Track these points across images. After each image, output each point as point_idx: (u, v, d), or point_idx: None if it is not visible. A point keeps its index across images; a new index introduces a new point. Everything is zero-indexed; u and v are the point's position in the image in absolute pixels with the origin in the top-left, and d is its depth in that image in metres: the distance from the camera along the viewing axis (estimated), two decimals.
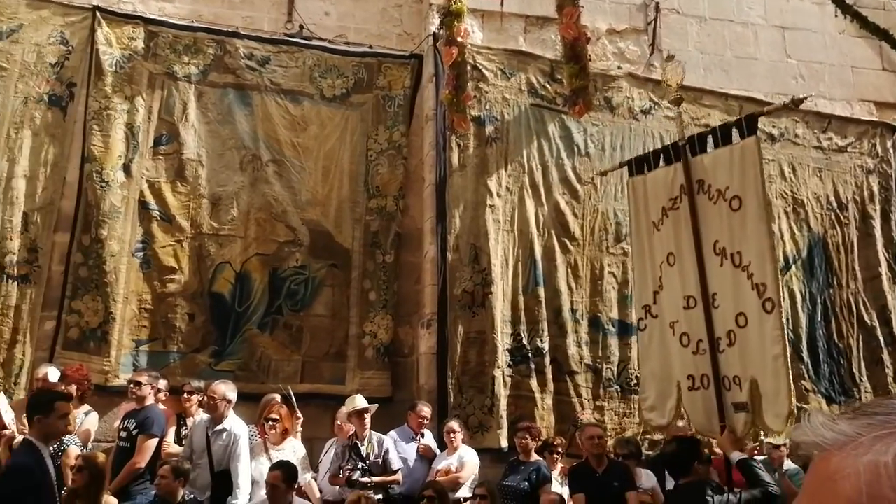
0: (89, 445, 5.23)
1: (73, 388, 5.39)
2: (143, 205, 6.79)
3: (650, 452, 6.60)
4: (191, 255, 6.81)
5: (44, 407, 3.62)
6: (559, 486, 5.68)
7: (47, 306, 6.47)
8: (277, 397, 5.83)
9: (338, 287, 7.11)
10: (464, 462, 5.68)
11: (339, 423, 5.79)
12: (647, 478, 5.68)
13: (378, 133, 7.42)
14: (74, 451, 4.87)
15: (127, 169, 6.81)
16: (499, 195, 7.22)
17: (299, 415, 5.80)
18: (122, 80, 6.92)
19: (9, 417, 5.11)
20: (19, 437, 5.04)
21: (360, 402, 5.59)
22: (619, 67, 7.96)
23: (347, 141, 7.36)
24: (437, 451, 5.95)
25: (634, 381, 7.18)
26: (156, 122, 6.99)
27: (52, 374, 5.51)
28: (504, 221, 7.19)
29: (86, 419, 5.39)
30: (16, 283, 6.41)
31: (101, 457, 4.66)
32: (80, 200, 6.67)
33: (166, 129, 6.98)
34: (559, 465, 6.01)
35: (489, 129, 7.32)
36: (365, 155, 7.36)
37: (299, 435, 5.78)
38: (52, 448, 4.83)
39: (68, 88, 6.85)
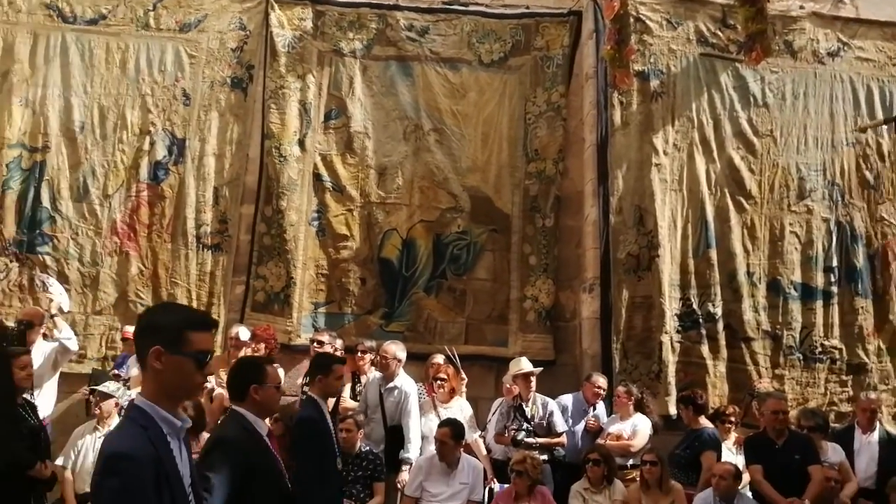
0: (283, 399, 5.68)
1: (261, 346, 5.91)
2: (316, 177, 7.22)
3: (836, 425, 6.10)
4: (361, 223, 7.16)
5: (325, 368, 4.07)
6: (732, 456, 5.41)
7: (237, 272, 7.11)
8: (441, 358, 6.02)
9: (498, 252, 7.17)
10: (637, 430, 5.54)
11: (506, 384, 5.87)
12: (833, 451, 5.26)
13: (536, 95, 7.32)
14: None
15: (301, 144, 7.25)
16: (665, 153, 6.88)
17: (463, 375, 5.95)
18: (294, 59, 7.34)
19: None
20: (219, 390, 5.61)
21: (525, 364, 5.63)
22: (802, 7, 7.24)
23: (506, 105, 7.34)
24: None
25: (820, 350, 6.65)
26: (325, 97, 7.36)
27: (243, 333, 6.06)
28: (671, 181, 6.86)
29: None
30: (210, 251, 7.10)
31: (295, 408, 5.07)
32: (262, 175, 7.22)
33: (335, 104, 7.34)
34: (733, 435, 5.72)
35: (654, 83, 6.98)
36: (523, 119, 7.30)
37: (464, 394, 5.94)
38: None
39: (248, 71, 7.38)
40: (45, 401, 5.04)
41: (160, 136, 7.23)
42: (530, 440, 5.34)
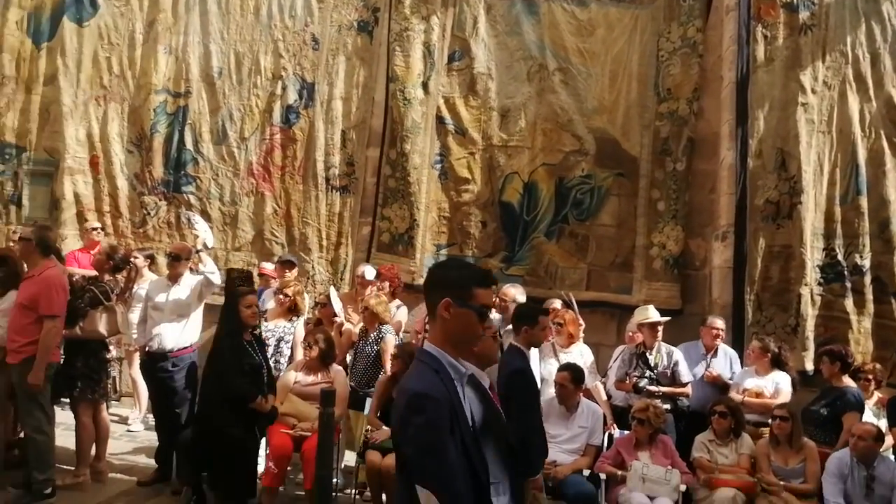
0: (400, 335, 5.88)
1: (385, 285, 6.08)
2: (439, 120, 7.23)
3: None
4: (482, 166, 7.14)
5: (530, 319, 4.15)
6: (873, 417, 5.06)
7: (363, 213, 7.32)
8: (559, 303, 5.96)
9: (624, 196, 6.94)
10: (779, 388, 5.27)
11: (629, 332, 5.75)
12: None
13: (670, 31, 6.90)
14: (391, 339, 5.51)
15: (425, 86, 7.26)
16: (814, 91, 6.34)
17: (581, 321, 5.88)
18: (419, 1, 7.29)
19: (339, 307, 5.95)
20: (348, 325, 5.85)
21: (653, 313, 5.49)
22: None
23: (636, 42, 6.98)
24: (728, 377, 5.59)
25: None
26: (449, 39, 7.30)
27: (369, 272, 6.26)
28: (819, 122, 6.33)
29: (397, 312, 6.04)
30: (338, 193, 7.34)
31: (414, 346, 5.22)
32: (387, 118, 7.31)
33: (459, 46, 7.27)
34: (876, 395, 5.35)
35: (803, 15, 6.40)
36: (655, 56, 6.92)
37: (582, 340, 5.88)
38: (371, 336, 5.54)
39: (373, 14, 7.43)
40: (193, 329, 5.45)
41: (291, 80, 7.47)
42: (652, 388, 5.23)
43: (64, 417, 5.41)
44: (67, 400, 5.25)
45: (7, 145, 7.86)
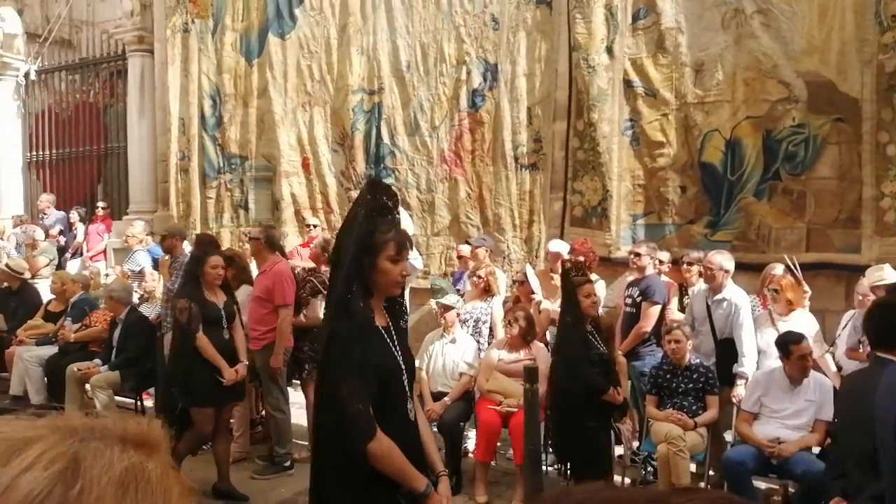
0: (599, 310, 5.76)
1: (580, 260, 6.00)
2: (627, 83, 6.94)
3: None
4: (677, 126, 6.74)
5: None
6: None
7: (554, 189, 7.26)
8: (779, 268, 5.49)
9: (845, 144, 6.18)
10: None
11: (860, 295, 5.17)
12: None
13: None
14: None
15: (609, 51, 7.00)
16: None
17: (806, 287, 5.37)
18: None
19: (536, 284, 5.99)
20: (546, 302, 5.88)
21: (889, 273, 4.88)
22: None
23: None
24: None
25: None
26: None
27: (561, 247, 6.20)
28: None
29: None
30: (527, 170, 7.35)
31: (607, 320, 5.12)
32: (572, 89, 7.16)
33: (643, 3, 6.89)
34: None
35: None
36: None
37: (807, 307, 5.37)
38: None
39: None
40: None
41: (475, 64, 7.58)
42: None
43: (296, 397, 6.01)
44: (298, 381, 5.84)
45: (233, 156, 8.85)
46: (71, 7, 11.23)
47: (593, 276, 5.95)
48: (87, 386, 6.22)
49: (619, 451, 4.93)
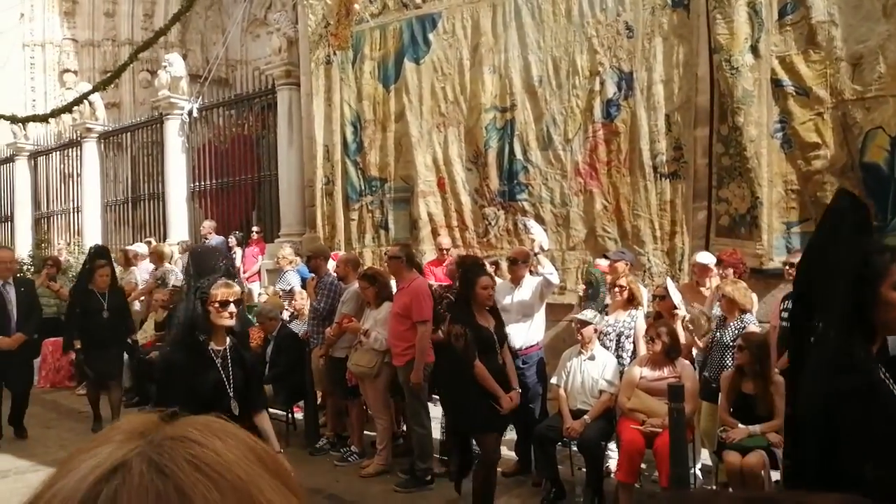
0: (754, 327, 5.41)
1: (729, 272, 5.67)
2: (775, 83, 6.51)
3: None
4: (834, 126, 6.23)
5: None
6: None
7: (697, 198, 6.92)
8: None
9: None
10: None
11: None
12: None
13: None
14: (754, 329, 5.12)
15: (755, 50, 6.61)
16: None
17: None
18: None
19: (678, 299, 5.72)
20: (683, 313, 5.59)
21: None
22: None
23: None
24: None
25: None
26: None
27: (706, 258, 5.89)
28: None
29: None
30: (668, 179, 7.07)
31: (760, 336, 4.78)
32: (714, 92, 6.82)
33: None
34: None
35: None
36: None
37: None
38: (731, 325, 5.20)
39: None
40: (538, 328, 5.73)
41: (608, 73, 7.42)
42: None
43: (437, 412, 6.09)
44: (437, 397, 5.91)
45: (373, 179, 9.20)
46: (227, 48, 12.23)
47: (741, 286, 5.60)
48: None
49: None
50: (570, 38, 7.65)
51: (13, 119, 13.95)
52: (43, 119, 13.51)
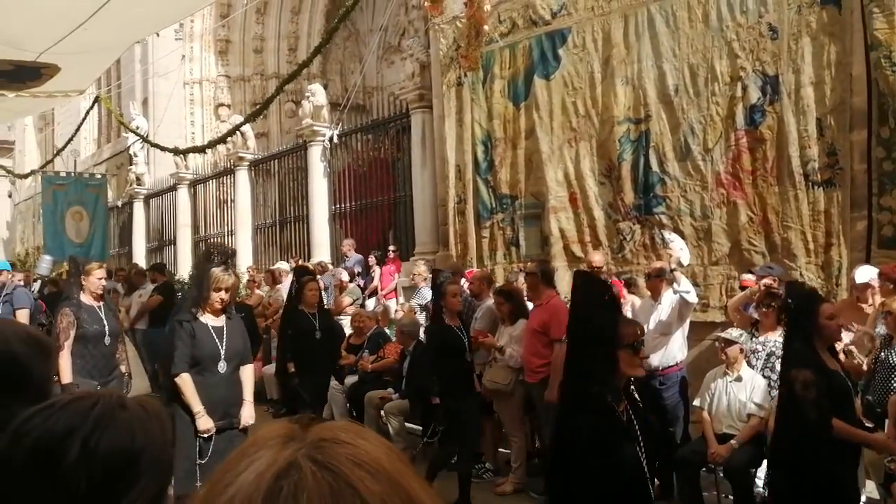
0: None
1: (890, 286, 5.17)
2: None
3: None
4: None
5: None
6: None
7: (855, 206, 6.37)
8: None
9: None
10: None
11: None
12: None
13: None
14: None
15: None
16: None
17: None
18: None
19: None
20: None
21: None
22: None
23: None
24: None
25: None
26: None
27: (865, 273, 5.39)
28: None
29: None
30: (821, 188, 6.56)
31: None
32: (871, 93, 6.28)
33: None
34: None
35: None
36: None
37: None
38: None
39: None
40: (677, 347, 5.49)
41: (751, 78, 7.03)
42: None
43: None
44: None
45: (504, 196, 9.23)
46: (364, 76, 12.79)
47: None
48: (382, 412, 6.84)
49: None
50: (708, 43, 7.33)
51: (175, 151, 15.29)
52: (201, 150, 14.70)
